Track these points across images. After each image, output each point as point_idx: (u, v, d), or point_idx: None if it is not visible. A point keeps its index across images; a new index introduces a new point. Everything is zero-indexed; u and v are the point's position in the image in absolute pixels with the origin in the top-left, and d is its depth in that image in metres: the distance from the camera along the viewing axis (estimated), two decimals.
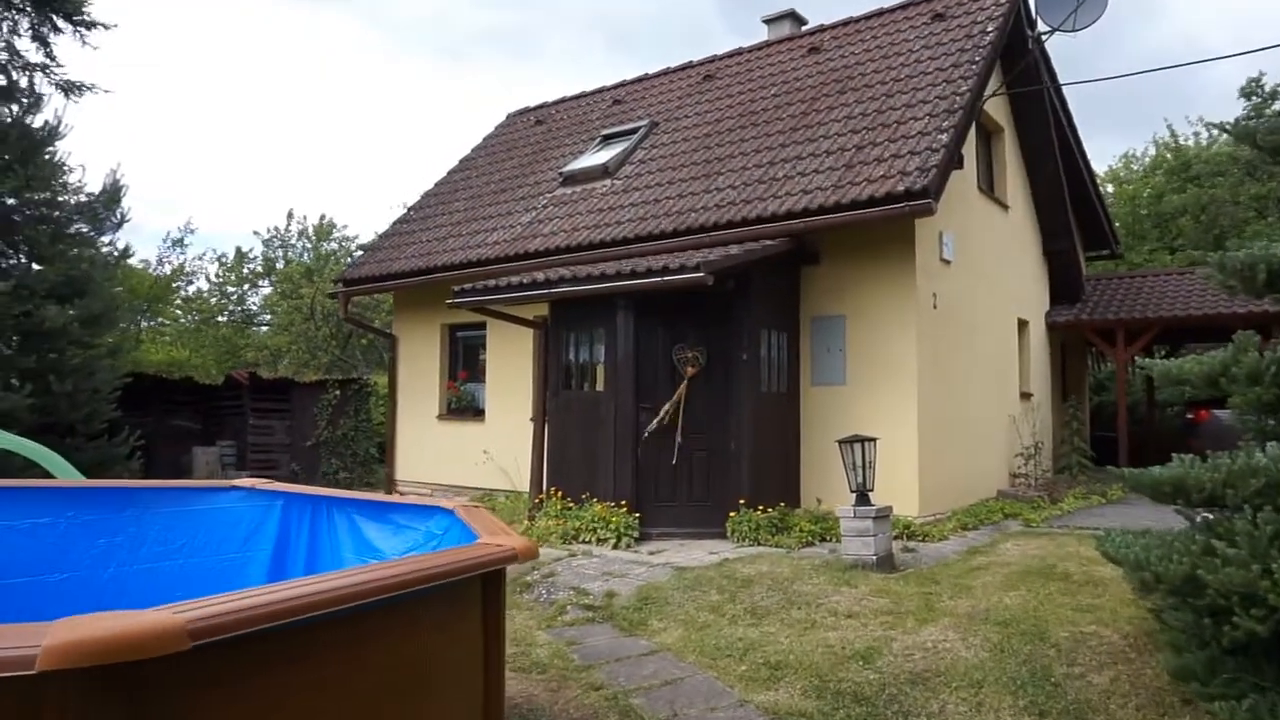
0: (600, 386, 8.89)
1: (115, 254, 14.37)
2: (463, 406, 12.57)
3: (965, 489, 9.69)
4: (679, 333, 8.68)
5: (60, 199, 13.22)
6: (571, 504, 8.76)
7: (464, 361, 12.89)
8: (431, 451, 12.67)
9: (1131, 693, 4.08)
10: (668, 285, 7.64)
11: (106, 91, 14.86)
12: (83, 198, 13.72)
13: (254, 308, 33.07)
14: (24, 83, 13.66)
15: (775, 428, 8.85)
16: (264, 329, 31.49)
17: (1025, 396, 12.07)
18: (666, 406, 8.43)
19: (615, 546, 8.01)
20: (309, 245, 33.35)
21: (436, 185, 14.92)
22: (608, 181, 11.61)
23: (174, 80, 49.85)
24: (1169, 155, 25.48)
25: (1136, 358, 13.87)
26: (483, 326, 11.87)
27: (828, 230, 8.77)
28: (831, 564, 6.89)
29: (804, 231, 8.79)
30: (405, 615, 2.44)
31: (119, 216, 13.52)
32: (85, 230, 13.31)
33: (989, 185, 11.17)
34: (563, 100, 15.92)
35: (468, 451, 11.94)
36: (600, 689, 4.58)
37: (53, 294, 12.60)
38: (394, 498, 3.99)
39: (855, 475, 6.88)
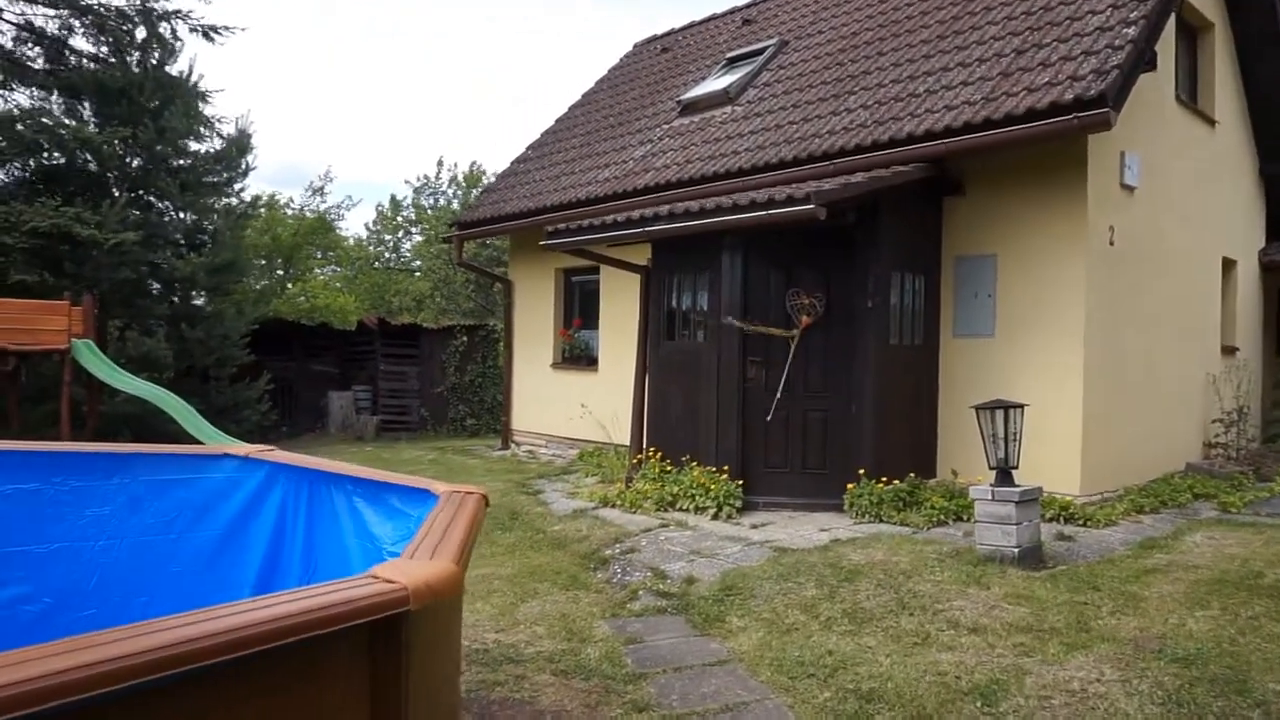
0: (703, 337, 7.94)
1: (243, 203, 14.64)
2: (576, 355, 11.95)
3: (1144, 462, 8.10)
4: (794, 276, 7.56)
5: (192, 148, 13.50)
6: (671, 466, 7.94)
7: (579, 308, 12.23)
8: (546, 401, 12.16)
9: None
10: (772, 220, 6.54)
11: (242, 29, 15.05)
12: (215, 146, 13.98)
13: (407, 255, 33.98)
14: (165, 30, 13.90)
15: (906, 386, 7.62)
16: (417, 275, 32.30)
17: (1228, 351, 10.08)
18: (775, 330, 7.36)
19: (715, 517, 7.14)
20: (459, 191, 33.76)
21: (556, 122, 14.18)
22: (728, 108, 10.46)
23: (324, 25, 51.72)
24: None
25: None
26: (597, 270, 11.13)
27: (975, 153, 7.33)
28: (962, 554, 5.72)
29: (945, 155, 7.39)
30: (225, 691, 1.66)
31: (244, 165, 13.68)
32: (214, 180, 13.55)
33: (1190, 94, 9.18)
34: (691, 25, 14.72)
35: (582, 402, 11.33)
36: (645, 710, 3.77)
37: (184, 242, 12.94)
38: (390, 476, 3.22)
39: (996, 449, 5.64)
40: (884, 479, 7.15)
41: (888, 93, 8.43)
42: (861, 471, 7.15)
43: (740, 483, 7.34)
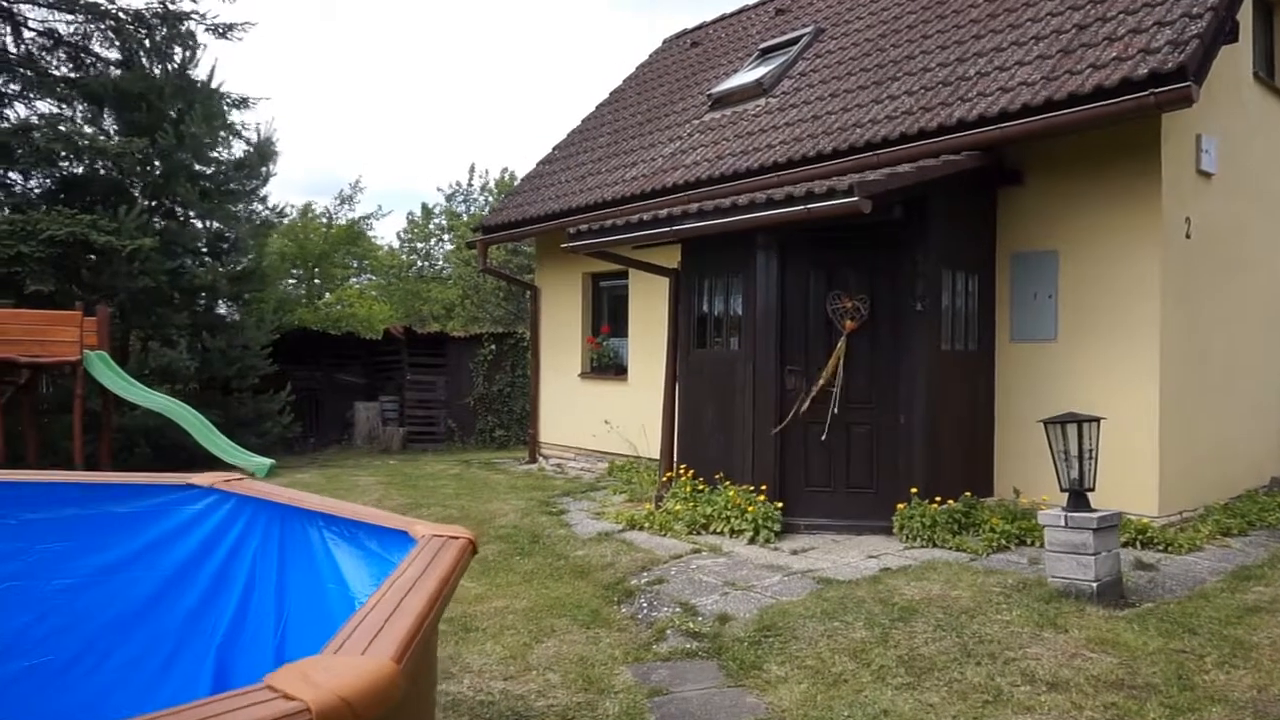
0: (737, 344, 7.37)
1: (266, 211, 14.37)
2: (605, 364, 11.42)
3: (1225, 477, 7.35)
4: (835, 277, 6.96)
5: (213, 155, 13.23)
6: (703, 484, 7.37)
7: (608, 314, 11.71)
8: (574, 412, 11.65)
9: None
10: (811, 215, 5.95)
11: (252, 24, 14.87)
12: (237, 153, 13.71)
13: (440, 263, 33.78)
14: (182, 30, 13.68)
15: (960, 396, 6.97)
16: (449, 282, 32.07)
17: None
18: (825, 371, 6.76)
19: (751, 541, 6.55)
20: (491, 198, 33.50)
21: (583, 122, 13.71)
22: (762, 100, 9.87)
23: (359, 35, 51.96)
24: None
25: None
26: (626, 275, 10.61)
27: (1035, 138, 6.66)
28: (1030, 586, 5.07)
29: (1000, 142, 6.74)
30: None
31: (266, 173, 13.38)
32: (236, 187, 13.26)
33: (1268, 71, 8.40)
34: (722, 18, 14.14)
35: (611, 414, 10.80)
36: None
37: (206, 250, 12.65)
38: (367, 514, 2.67)
39: (1069, 469, 4.99)
40: (937, 498, 6.52)
41: (935, 77, 7.80)
42: (914, 491, 6.52)
43: (779, 504, 6.74)
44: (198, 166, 12.79)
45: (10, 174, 13.11)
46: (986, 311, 7.24)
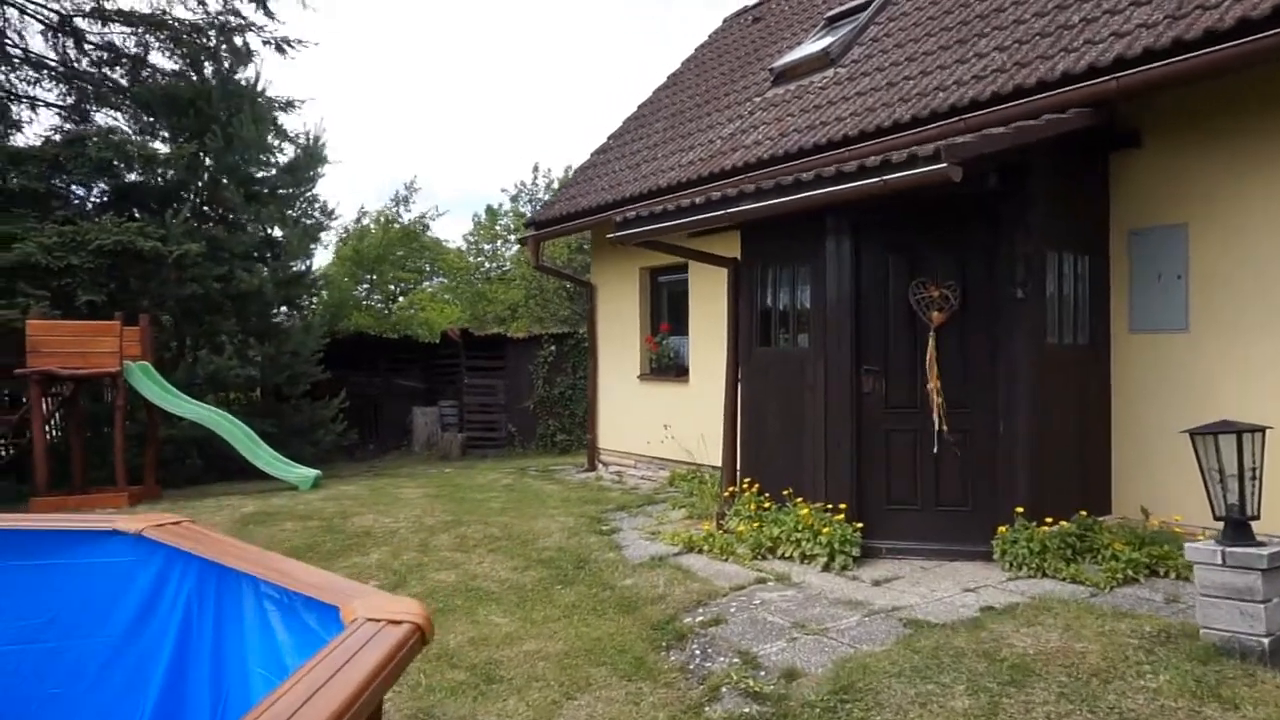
0: (806, 342, 6.49)
1: (317, 214, 14.03)
2: (665, 365, 10.64)
3: None
4: (919, 263, 6.02)
5: (262, 158, 12.92)
6: (769, 501, 6.52)
7: (668, 311, 10.92)
8: (635, 416, 10.90)
9: None
10: (889, 188, 5.04)
11: (315, 44, 14.57)
12: (286, 156, 13.38)
13: (508, 265, 33.48)
14: (239, 43, 13.46)
15: (1070, 398, 5.95)
16: (515, 283, 31.69)
17: None
18: (931, 375, 5.81)
19: (825, 568, 5.68)
20: (553, 196, 33.00)
21: (639, 108, 12.94)
22: (830, 71, 8.94)
23: (426, 41, 52.27)
24: None
25: None
26: (686, 268, 9.82)
27: (1159, 89, 5.60)
28: (1175, 636, 4.08)
29: (1116, 96, 5.68)
30: None
31: (313, 176, 13.01)
32: (284, 191, 12.93)
33: None
34: None
35: (672, 418, 10.01)
36: None
37: (255, 255, 12.34)
38: (307, 578, 1.90)
39: (1225, 492, 3.98)
40: (1046, 519, 5.52)
41: (1030, 29, 6.76)
42: (1018, 510, 5.54)
43: (858, 524, 5.84)
44: (247, 169, 12.49)
45: (72, 185, 13.06)
46: (1099, 298, 6.19)
